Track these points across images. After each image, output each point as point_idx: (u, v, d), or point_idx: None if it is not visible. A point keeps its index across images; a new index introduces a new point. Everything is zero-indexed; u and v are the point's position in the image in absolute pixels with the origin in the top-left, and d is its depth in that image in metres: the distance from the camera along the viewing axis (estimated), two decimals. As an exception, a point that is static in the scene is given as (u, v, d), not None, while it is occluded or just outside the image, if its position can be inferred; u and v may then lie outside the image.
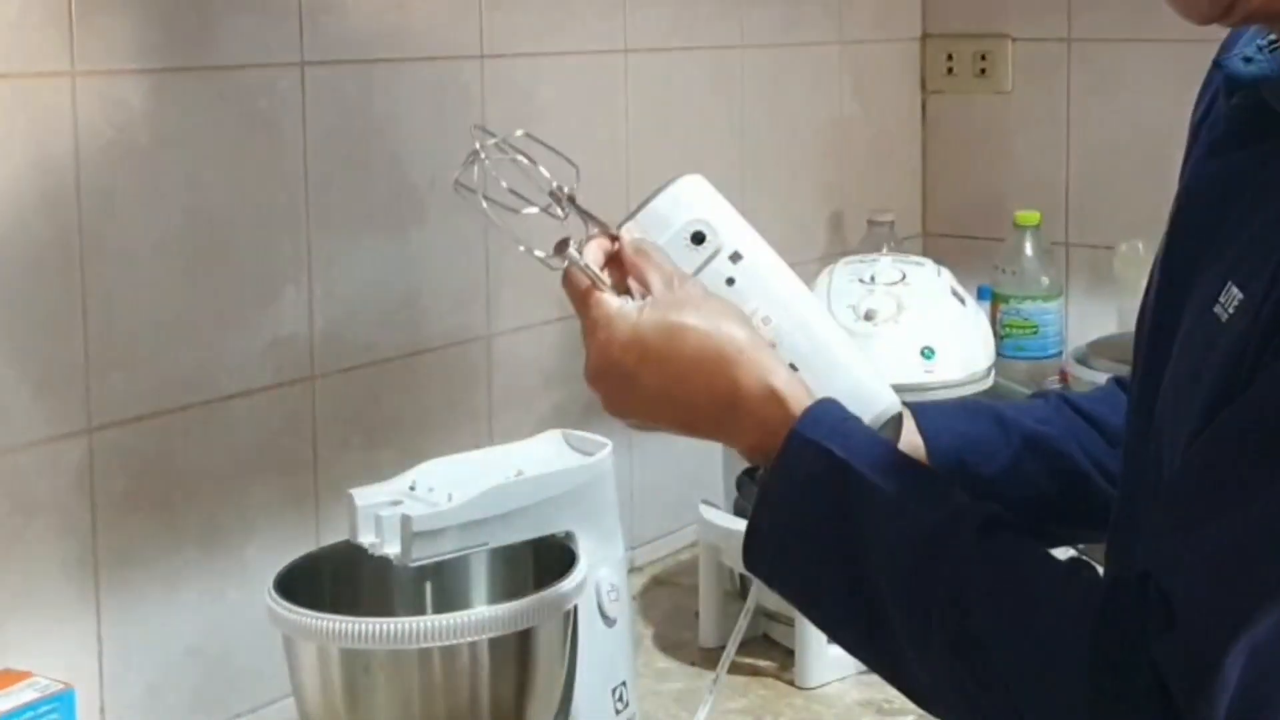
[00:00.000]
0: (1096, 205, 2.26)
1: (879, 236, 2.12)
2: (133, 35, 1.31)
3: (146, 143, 1.32)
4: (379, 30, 1.53)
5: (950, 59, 2.36)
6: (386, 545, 1.20)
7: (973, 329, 1.77)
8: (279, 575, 1.24)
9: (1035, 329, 2.18)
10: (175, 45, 1.34)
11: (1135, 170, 2.20)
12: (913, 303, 1.73)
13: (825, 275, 1.79)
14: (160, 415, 1.34)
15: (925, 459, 1.08)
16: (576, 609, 1.27)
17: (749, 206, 1.08)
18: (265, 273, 1.43)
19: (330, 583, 1.28)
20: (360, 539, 1.22)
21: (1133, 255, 2.12)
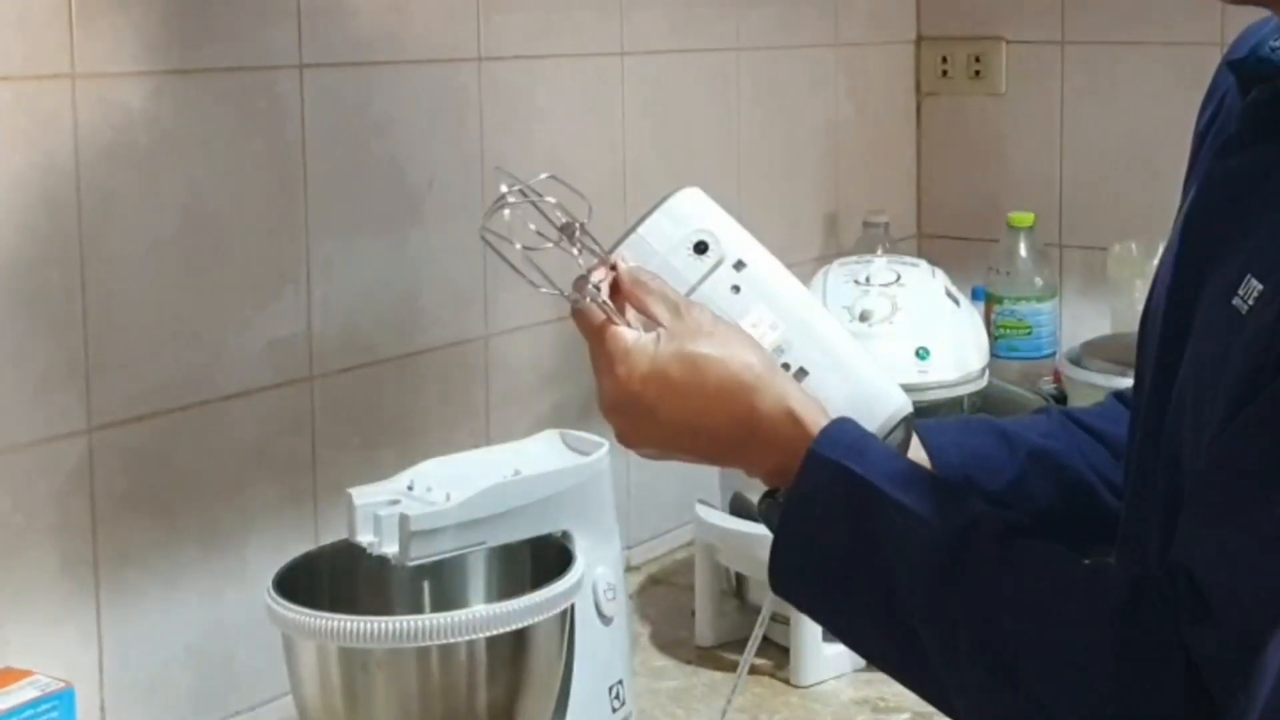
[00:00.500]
0: (1090, 207, 2.27)
1: (874, 238, 2.13)
2: (133, 37, 1.31)
3: (146, 144, 1.32)
4: (377, 33, 1.53)
5: (945, 61, 2.36)
6: (385, 544, 1.21)
7: (967, 330, 1.78)
8: (278, 574, 1.25)
9: (1029, 330, 2.18)
10: (175, 47, 1.34)
11: (1128, 172, 2.21)
12: (907, 304, 1.73)
13: (820, 276, 1.79)
14: (160, 415, 1.35)
15: None
16: (573, 608, 1.27)
17: (745, 208, 1.09)
18: (264, 273, 1.44)
19: (329, 582, 1.29)
20: (359, 538, 1.23)
21: (1126, 256, 2.13)
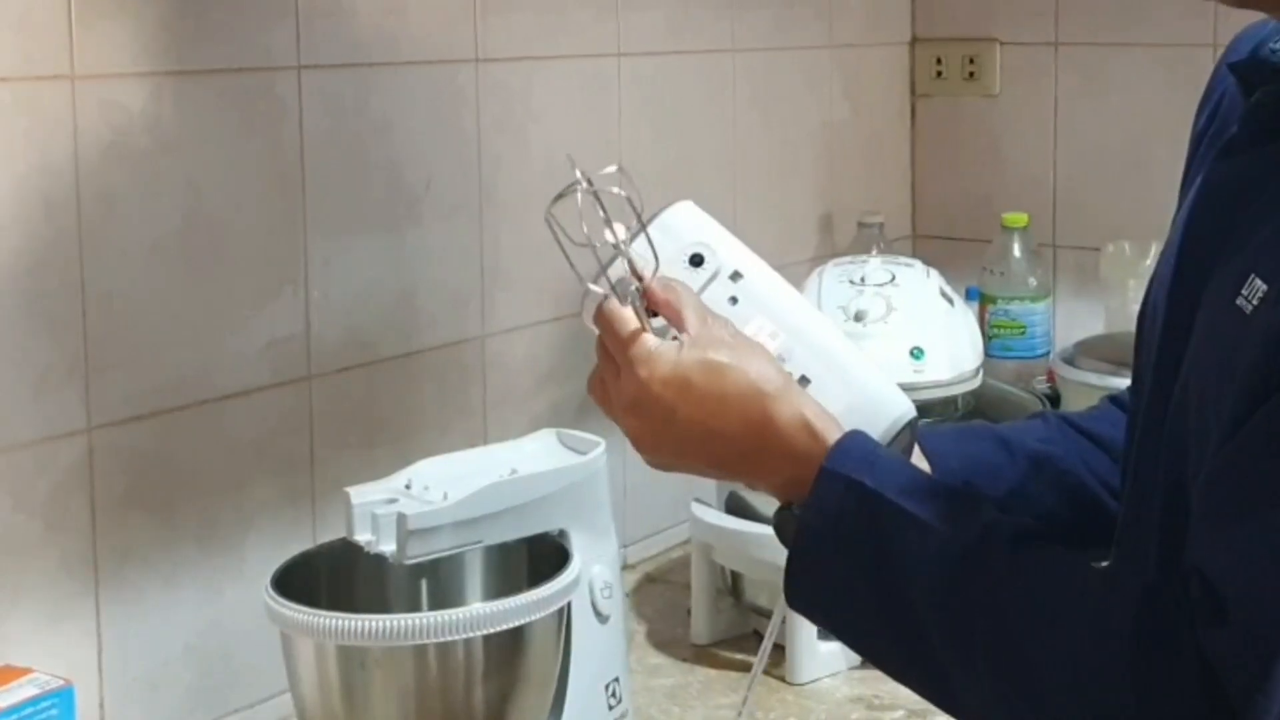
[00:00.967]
0: (1083, 207, 2.27)
1: (868, 238, 2.13)
2: (132, 39, 1.31)
3: (145, 145, 1.33)
4: (375, 34, 1.53)
5: (939, 63, 2.37)
6: (382, 543, 1.21)
7: (961, 329, 1.78)
8: (276, 572, 1.25)
9: (1023, 329, 2.19)
10: (174, 49, 1.35)
11: (1121, 173, 2.21)
12: (902, 304, 1.74)
13: (815, 277, 1.80)
14: (159, 415, 1.35)
15: None
16: (570, 606, 1.28)
17: (741, 208, 1.09)
18: (263, 274, 1.44)
19: (327, 580, 1.29)
20: (357, 537, 1.23)
21: (1119, 256, 2.13)
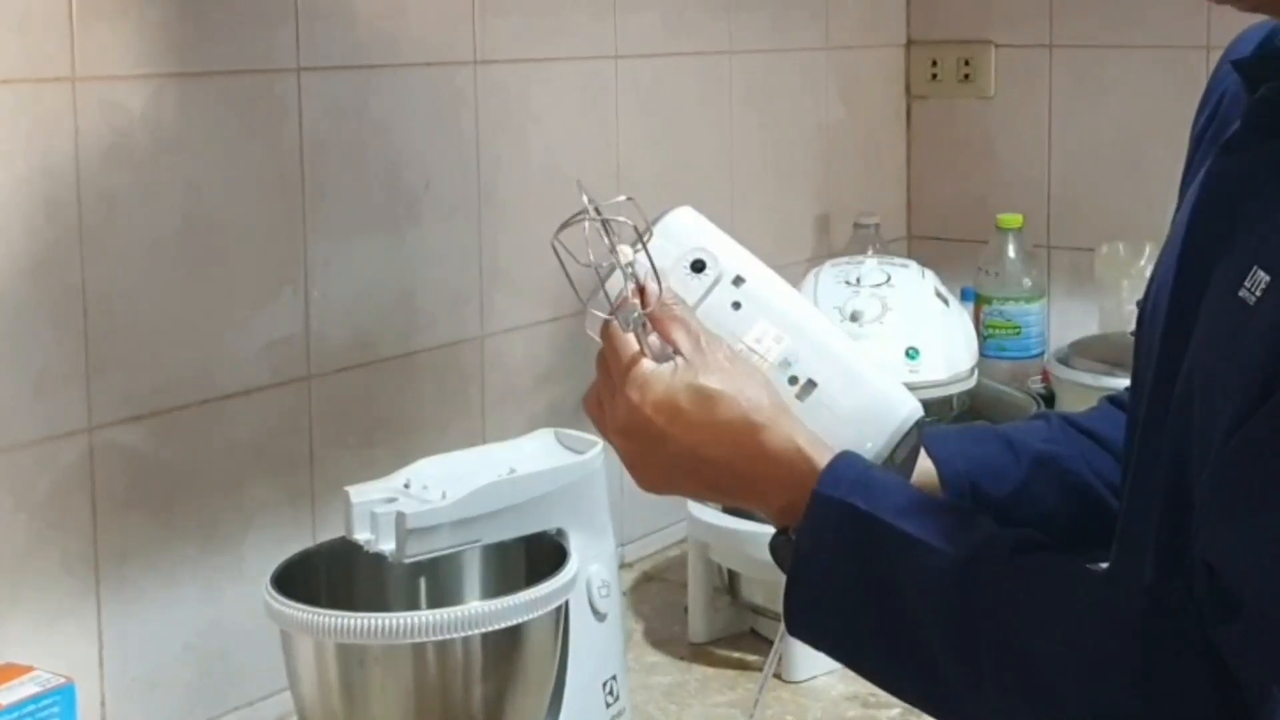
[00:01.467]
0: (1077, 208, 2.28)
1: (864, 239, 2.13)
2: (132, 41, 1.32)
3: (146, 146, 1.33)
4: (374, 36, 1.53)
5: (934, 65, 2.37)
6: (381, 542, 1.22)
7: (956, 330, 1.79)
8: (276, 571, 1.26)
9: (1018, 330, 2.19)
10: (174, 51, 1.35)
11: (1116, 174, 2.22)
12: (897, 304, 1.74)
13: (811, 277, 1.81)
14: (159, 415, 1.35)
15: (938, 484, 1.08)
16: (568, 604, 1.28)
17: (737, 210, 1.09)
18: (263, 274, 1.44)
19: (326, 579, 1.29)
20: (356, 536, 1.23)
21: (1113, 257, 2.14)
